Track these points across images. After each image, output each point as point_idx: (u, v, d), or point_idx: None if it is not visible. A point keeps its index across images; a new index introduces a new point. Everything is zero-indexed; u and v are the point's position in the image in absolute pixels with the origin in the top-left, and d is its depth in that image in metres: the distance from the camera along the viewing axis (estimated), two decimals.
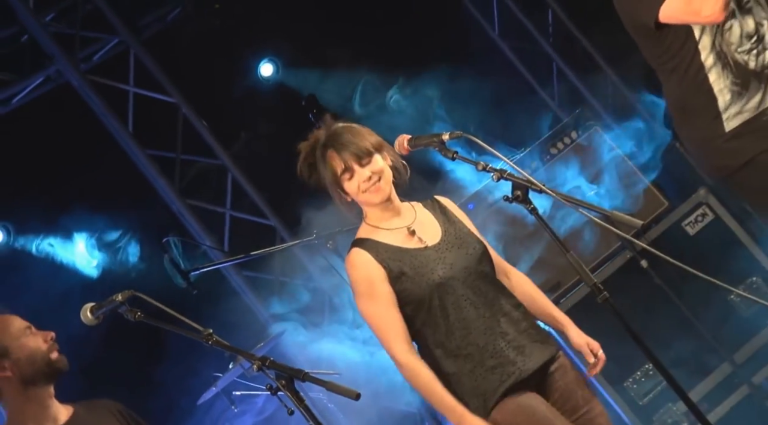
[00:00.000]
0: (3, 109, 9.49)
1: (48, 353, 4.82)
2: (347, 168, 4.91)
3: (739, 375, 7.04)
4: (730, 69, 5.43)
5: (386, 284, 4.87)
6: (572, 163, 7.50)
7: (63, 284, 8.24)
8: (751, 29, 5.47)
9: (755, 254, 7.36)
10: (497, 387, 4.79)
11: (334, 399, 7.99)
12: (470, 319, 4.85)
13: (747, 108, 5.41)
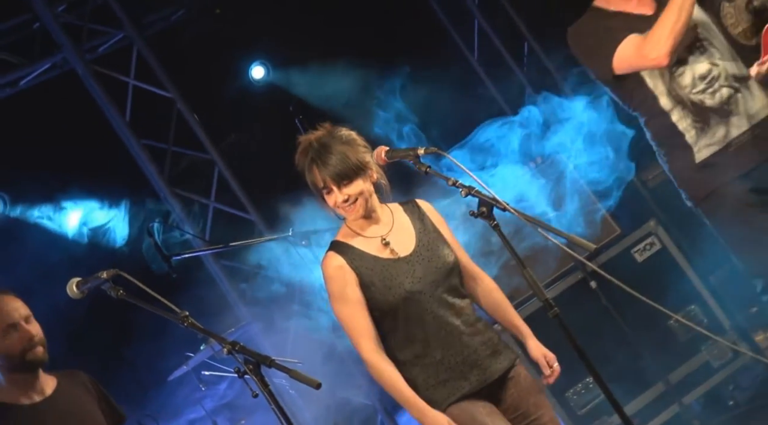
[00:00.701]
0: (11, 90, 9.51)
1: (22, 354, 4.91)
2: (325, 186, 4.93)
3: (671, 395, 7.07)
4: (688, 109, 5.52)
5: (357, 289, 4.88)
6: (536, 186, 7.53)
7: (53, 255, 8.22)
8: (704, 71, 5.55)
9: (696, 285, 7.40)
10: (445, 398, 4.83)
11: (295, 386, 7.98)
12: (431, 333, 4.86)
13: (714, 141, 5.49)
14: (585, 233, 6.95)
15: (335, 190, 4.92)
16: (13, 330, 4.89)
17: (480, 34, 11.14)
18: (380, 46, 10.27)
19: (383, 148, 5.11)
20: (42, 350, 4.93)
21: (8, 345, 4.89)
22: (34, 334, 4.92)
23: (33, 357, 4.91)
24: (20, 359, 4.90)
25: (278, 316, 8.80)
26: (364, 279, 4.87)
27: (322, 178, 4.92)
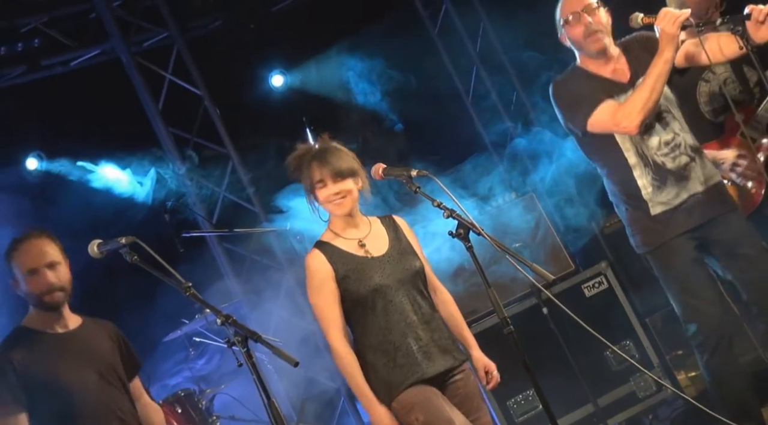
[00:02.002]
0: (62, 68, 9.55)
1: (41, 296, 4.91)
2: (322, 180, 5.00)
3: (598, 416, 7.08)
4: (651, 167, 5.56)
5: (333, 282, 4.96)
6: (508, 217, 7.56)
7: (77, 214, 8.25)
8: (669, 138, 5.60)
9: (633, 324, 7.42)
10: (402, 381, 4.87)
11: (273, 361, 7.99)
12: (393, 321, 4.93)
13: (665, 199, 5.54)
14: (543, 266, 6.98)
15: (329, 184, 5.00)
16: (36, 274, 4.89)
17: (477, 78, 11.16)
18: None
19: (381, 165, 5.16)
20: (60, 294, 4.91)
21: (30, 286, 4.90)
22: (52, 282, 4.89)
23: (50, 300, 4.90)
24: (39, 300, 4.91)
25: (266, 298, 8.81)
26: (339, 273, 4.97)
27: (319, 172, 5.01)
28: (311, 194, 5.06)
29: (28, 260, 4.92)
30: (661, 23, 5.30)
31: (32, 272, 4.90)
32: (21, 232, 5.08)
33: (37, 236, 4.99)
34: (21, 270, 4.91)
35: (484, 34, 11.07)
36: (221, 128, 9.77)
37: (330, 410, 9.32)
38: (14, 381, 4.74)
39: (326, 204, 5.03)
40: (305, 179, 5.06)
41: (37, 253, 4.94)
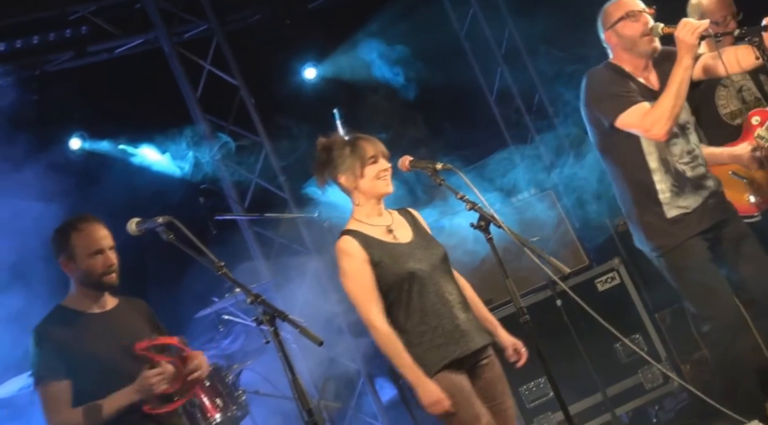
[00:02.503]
0: (107, 55, 9.56)
1: (100, 276, 4.94)
2: (375, 156, 4.97)
3: (606, 405, 7.07)
4: (671, 174, 5.53)
5: (369, 266, 4.89)
6: (527, 212, 7.56)
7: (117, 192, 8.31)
8: (690, 148, 5.57)
9: (642, 318, 7.43)
10: (439, 361, 4.83)
11: (298, 341, 8.00)
12: (428, 304, 4.88)
13: (683, 204, 5.52)
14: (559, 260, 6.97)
15: (380, 160, 4.97)
16: (99, 254, 4.92)
17: (501, 78, 11.14)
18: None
19: (408, 158, 5.14)
20: (115, 276, 4.96)
21: (91, 265, 4.91)
22: (113, 262, 4.95)
23: (108, 280, 4.94)
24: (97, 279, 4.93)
25: (293, 281, 8.81)
26: (374, 259, 4.90)
27: (373, 148, 4.97)
28: (357, 171, 5.00)
29: (94, 242, 4.95)
30: (680, 33, 5.27)
31: (98, 253, 4.93)
32: (67, 209, 5.13)
33: (97, 220, 5.04)
34: (84, 250, 4.93)
35: (510, 37, 11.04)
36: (255, 117, 9.77)
37: (350, 389, 9.33)
38: (56, 356, 4.78)
39: (374, 181, 4.98)
40: (348, 157, 5.00)
41: (103, 235, 4.98)
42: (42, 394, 4.80)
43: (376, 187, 5.00)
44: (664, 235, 5.59)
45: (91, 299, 5.00)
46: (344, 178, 5.02)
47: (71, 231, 4.96)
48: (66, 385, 4.77)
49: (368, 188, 5.01)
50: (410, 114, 10.50)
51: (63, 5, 9.06)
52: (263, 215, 8.71)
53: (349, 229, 5.01)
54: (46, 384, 4.79)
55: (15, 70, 8.90)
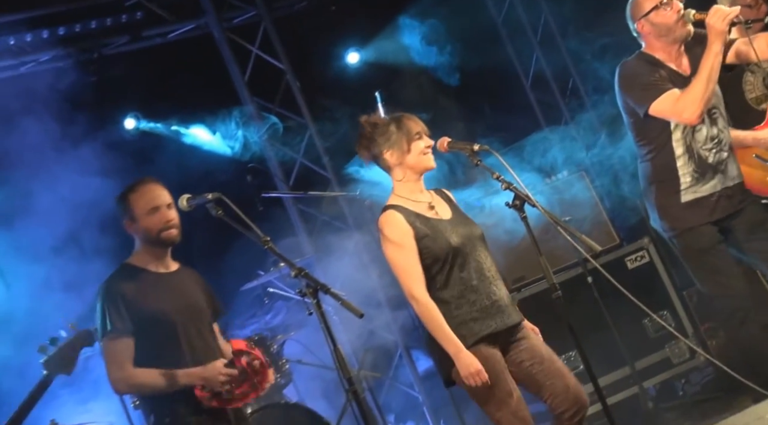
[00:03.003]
0: (161, 40, 9.59)
1: (159, 232, 4.95)
2: (420, 133, 4.96)
3: (634, 378, 7.06)
4: (694, 159, 5.51)
5: (413, 240, 4.84)
6: (561, 192, 7.53)
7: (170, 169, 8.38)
8: (714, 134, 5.54)
9: (670, 296, 7.40)
10: (476, 333, 4.79)
11: (339, 313, 8.01)
12: (468, 279, 4.85)
13: (701, 190, 5.49)
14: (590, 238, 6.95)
15: (425, 137, 4.96)
16: (157, 212, 4.94)
17: (536, 64, 11.07)
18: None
19: (446, 139, 5.12)
20: (176, 232, 4.98)
21: (150, 222, 4.94)
22: (171, 218, 4.96)
23: (167, 236, 4.96)
24: (157, 236, 4.95)
25: (334, 256, 8.82)
26: (418, 233, 4.85)
27: (417, 126, 4.97)
28: (404, 146, 4.97)
29: (150, 199, 4.97)
30: (711, 19, 5.23)
31: (154, 210, 4.95)
32: (122, 185, 5.15)
33: (153, 181, 5.07)
34: (142, 209, 4.96)
35: (545, 22, 10.96)
36: (300, 100, 9.78)
37: (387, 360, 9.36)
38: (123, 311, 4.81)
39: (419, 156, 4.95)
40: (394, 134, 4.97)
41: (158, 193, 5.01)
42: (105, 348, 4.84)
43: (421, 161, 4.97)
44: (677, 218, 5.59)
45: (155, 259, 5.02)
46: (390, 153, 4.98)
47: (129, 193, 5.01)
48: (129, 342, 4.81)
49: (414, 163, 4.98)
50: (449, 97, 10.49)
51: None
52: (307, 193, 8.73)
53: (392, 204, 4.97)
54: (110, 339, 4.82)
55: (74, 54, 8.97)
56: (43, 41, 8.83)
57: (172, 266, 5.08)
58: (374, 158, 5.06)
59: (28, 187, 7.97)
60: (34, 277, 7.72)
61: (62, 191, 7.90)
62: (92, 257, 7.54)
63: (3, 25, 8.54)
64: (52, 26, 8.79)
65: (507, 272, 7.23)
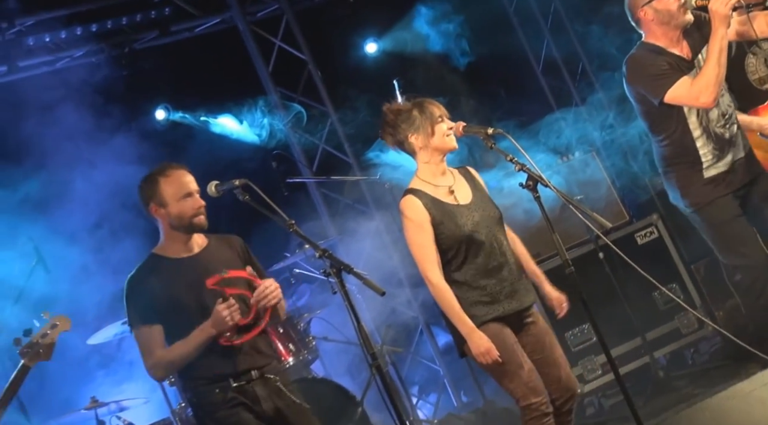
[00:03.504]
0: (188, 34, 9.63)
1: (191, 218, 4.81)
2: (442, 116, 4.97)
3: (645, 348, 7.03)
4: (712, 138, 5.50)
5: (430, 226, 4.86)
6: (573, 172, 7.50)
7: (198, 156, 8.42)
8: (724, 110, 5.52)
9: (679, 269, 7.35)
10: (484, 315, 4.83)
11: (362, 292, 8.01)
12: (481, 264, 4.87)
13: (721, 164, 5.49)
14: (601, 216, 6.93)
15: (446, 120, 4.95)
16: (189, 197, 4.81)
17: (547, 50, 11.01)
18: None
19: (461, 123, 5.10)
20: (204, 218, 4.83)
21: (183, 207, 4.79)
22: (202, 204, 4.82)
23: (198, 221, 4.81)
24: (189, 221, 4.81)
25: (357, 238, 8.83)
26: (435, 218, 4.87)
27: (439, 110, 4.98)
28: (428, 130, 4.97)
29: (182, 185, 4.84)
30: (714, 5, 5.21)
31: (187, 196, 4.81)
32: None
33: (182, 166, 4.94)
34: (173, 194, 4.81)
35: (555, 11, 10.90)
36: (322, 89, 9.80)
37: (409, 335, 9.38)
38: (148, 301, 4.73)
39: (442, 138, 4.95)
40: (417, 118, 4.96)
41: (189, 179, 4.88)
42: (137, 338, 4.78)
43: (445, 143, 4.97)
44: (698, 193, 5.57)
45: (181, 244, 4.87)
46: (415, 137, 4.98)
47: (160, 178, 4.85)
48: (158, 329, 4.72)
49: (439, 144, 4.97)
50: (463, 83, 10.45)
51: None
52: (330, 177, 8.74)
53: (413, 188, 4.98)
54: (139, 329, 4.75)
55: (106, 49, 9.00)
56: (77, 38, 8.86)
57: (197, 246, 4.91)
58: (399, 143, 5.06)
59: (65, 175, 8.03)
60: (72, 261, 7.77)
61: (98, 178, 7.95)
62: (126, 241, 7.59)
63: (39, 23, 8.60)
64: (86, 23, 8.83)
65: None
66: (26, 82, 8.56)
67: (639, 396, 6.65)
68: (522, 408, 4.80)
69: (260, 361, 4.83)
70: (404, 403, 8.08)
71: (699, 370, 7.09)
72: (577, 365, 6.98)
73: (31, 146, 7.89)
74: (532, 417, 4.76)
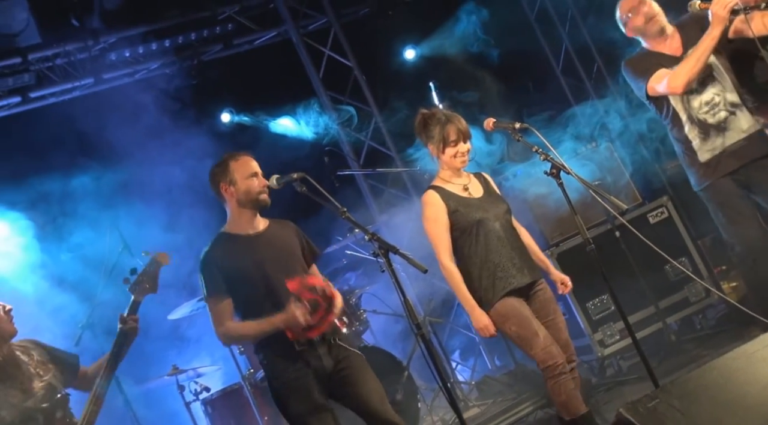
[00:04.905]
0: (248, 46, 9.66)
1: (257, 195, 4.86)
2: (456, 140, 4.98)
3: (658, 316, 6.98)
4: (697, 124, 5.46)
5: (445, 215, 4.98)
6: (592, 159, 7.45)
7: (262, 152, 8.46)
8: (708, 99, 5.48)
9: (687, 245, 7.27)
10: (500, 290, 4.91)
11: (405, 269, 8.03)
12: (492, 245, 4.95)
13: (712, 148, 5.42)
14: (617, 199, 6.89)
15: (460, 144, 4.97)
16: (255, 177, 4.86)
17: (566, 54, 10.92)
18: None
19: (491, 119, 5.10)
20: (268, 196, 4.88)
21: (250, 186, 4.84)
22: (266, 184, 4.87)
23: (263, 199, 4.87)
24: (255, 197, 4.85)
25: (399, 223, 8.84)
26: (451, 208, 4.99)
27: (455, 133, 4.97)
28: (438, 146, 5.03)
29: (249, 167, 4.90)
30: (714, 7, 5.17)
31: (254, 175, 4.87)
32: None
33: (249, 154, 5.01)
34: (242, 174, 4.85)
35: (572, 19, 10.80)
36: (367, 91, 9.81)
37: (448, 307, 9.37)
38: (219, 275, 4.74)
39: (453, 159, 5.02)
40: (436, 135, 5.02)
41: (254, 163, 4.94)
42: (209, 308, 4.80)
43: (451, 163, 5.08)
44: (700, 175, 5.54)
45: (247, 221, 4.90)
46: (431, 148, 5.12)
47: (230, 160, 4.91)
48: (227, 301, 4.74)
49: (446, 162, 5.10)
50: (492, 84, 10.38)
51: (213, 8, 9.21)
52: (375, 170, 8.73)
53: (433, 185, 5.11)
54: (211, 300, 4.77)
55: (178, 61, 9.07)
56: (152, 52, 8.95)
57: (261, 225, 4.94)
58: (424, 145, 5.18)
59: (145, 170, 8.12)
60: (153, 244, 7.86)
61: (173, 172, 8.04)
62: (199, 225, 7.68)
63: (120, 40, 8.69)
64: (160, 39, 8.91)
65: (551, 231, 7.25)
66: (110, 92, 8.67)
67: (653, 358, 6.61)
68: (543, 370, 4.85)
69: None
70: (445, 367, 8.08)
71: (706, 334, 7.03)
72: (598, 331, 6.95)
73: (115, 145, 8.00)
74: (552, 375, 4.81)
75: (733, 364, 3.91)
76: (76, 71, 8.57)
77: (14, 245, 7.81)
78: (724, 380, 3.82)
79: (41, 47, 8.24)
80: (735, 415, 3.68)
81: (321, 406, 4.70)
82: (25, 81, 8.35)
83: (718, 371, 3.89)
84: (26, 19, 7.79)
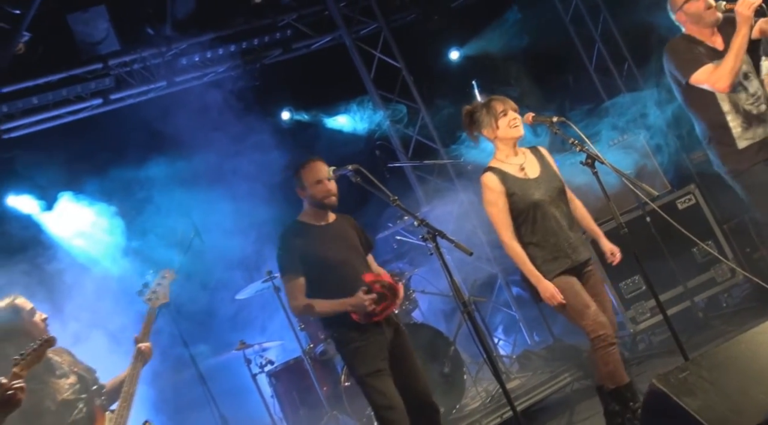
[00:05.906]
0: (305, 50, 9.67)
1: (322, 199, 5.05)
2: (504, 110, 4.93)
3: (687, 294, 6.90)
4: (741, 114, 5.31)
5: (504, 197, 4.89)
6: (625, 150, 7.37)
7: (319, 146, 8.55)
8: (753, 91, 5.33)
9: (713, 229, 7.17)
10: (556, 268, 4.85)
11: (451, 253, 8.00)
12: (549, 226, 4.86)
13: (752, 136, 5.29)
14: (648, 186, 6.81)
15: (509, 112, 4.93)
16: (321, 183, 5.04)
17: (598, 53, 10.77)
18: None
19: (531, 114, 5.06)
20: (334, 199, 5.07)
21: (316, 191, 5.05)
22: (331, 188, 5.05)
23: (329, 202, 5.07)
24: (320, 201, 5.06)
25: (445, 210, 8.81)
26: (509, 191, 4.89)
27: (502, 105, 4.95)
28: (493, 125, 4.95)
29: (315, 174, 5.06)
30: (739, 7, 5.06)
31: (319, 182, 5.03)
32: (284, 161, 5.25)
33: (318, 159, 5.14)
34: (310, 181, 5.06)
35: (604, 21, 10.65)
36: (414, 91, 9.75)
37: (490, 287, 9.34)
38: (295, 256, 4.94)
39: (506, 129, 4.93)
40: (484, 117, 4.96)
41: (320, 168, 5.07)
42: (284, 284, 5.02)
43: (509, 133, 4.97)
44: (736, 162, 5.36)
45: (318, 216, 5.11)
46: (486, 131, 5.03)
47: (300, 169, 5.11)
48: (301, 279, 4.93)
49: (503, 135, 4.98)
50: (532, 83, 10.32)
51: (274, 15, 9.23)
52: (422, 162, 8.70)
53: (491, 166, 5.00)
54: (286, 278, 4.98)
55: (242, 65, 9.14)
56: (219, 57, 9.02)
57: (330, 219, 5.15)
58: (477, 136, 5.11)
59: (214, 163, 8.21)
60: (223, 232, 7.96)
61: (240, 164, 8.11)
62: (263, 213, 7.73)
63: (190, 46, 8.77)
64: (226, 45, 8.97)
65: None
66: (182, 94, 8.76)
67: (683, 334, 6.52)
68: (592, 340, 4.78)
69: None
70: (488, 342, 8.05)
71: (732, 311, 6.94)
72: (630, 309, 6.87)
73: (187, 141, 8.09)
74: (600, 346, 4.75)
75: (759, 338, 3.84)
76: (151, 75, 8.68)
77: (100, 229, 7.98)
78: (750, 352, 3.76)
79: (120, 54, 8.36)
80: (761, 385, 3.63)
81: (381, 370, 4.85)
82: (106, 85, 8.49)
83: (745, 344, 3.83)
84: (107, 28, 7.91)
